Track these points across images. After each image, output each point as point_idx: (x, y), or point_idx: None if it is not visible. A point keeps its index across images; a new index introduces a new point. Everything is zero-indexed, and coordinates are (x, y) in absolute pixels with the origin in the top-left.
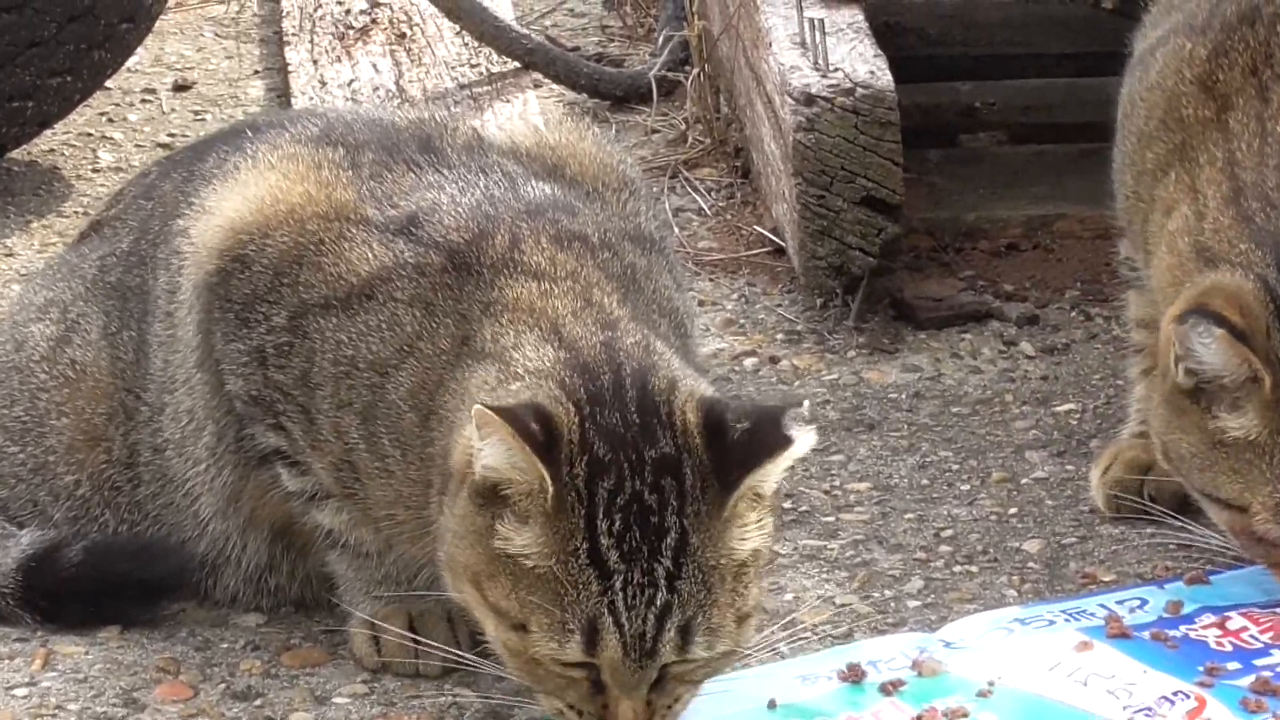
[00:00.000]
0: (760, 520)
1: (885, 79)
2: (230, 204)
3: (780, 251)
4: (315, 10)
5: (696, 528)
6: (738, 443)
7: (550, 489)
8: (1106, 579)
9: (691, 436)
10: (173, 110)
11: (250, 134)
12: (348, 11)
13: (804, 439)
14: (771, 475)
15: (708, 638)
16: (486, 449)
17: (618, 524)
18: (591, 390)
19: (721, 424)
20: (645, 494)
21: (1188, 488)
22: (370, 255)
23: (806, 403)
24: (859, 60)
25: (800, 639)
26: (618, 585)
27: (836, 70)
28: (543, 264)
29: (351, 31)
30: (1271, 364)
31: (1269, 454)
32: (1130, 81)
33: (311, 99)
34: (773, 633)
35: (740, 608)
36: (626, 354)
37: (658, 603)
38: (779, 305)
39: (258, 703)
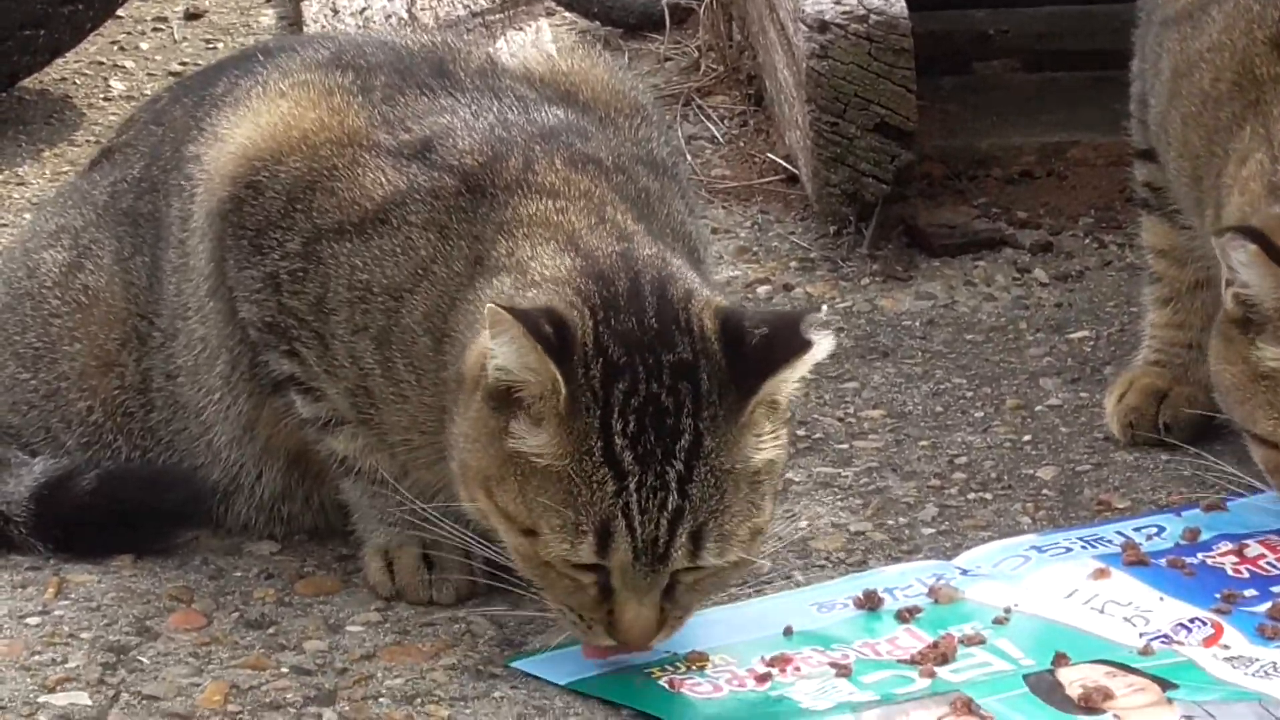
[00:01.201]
0: (775, 431)
1: (899, 6)
2: (243, 131)
3: (793, 179)
4: None
5: (712, 432)
6: (756, 348)
7: (563, 390)
8: (1121, 506)
9: (709, 342)
10: (184, 39)
11: (261, 58)
12: None
13: (822, 343)
14: (790, 380)
15: (719, 544)
16: (499, 350)
17: (632, 426)
18: (607, 295)
19: (739, 330)
20: (661, 397)
21: (1236, 426)
22: (384, 180)
23: (824, 308)
24: None
25: (815, 566)
26: (632, 487)
27: None
28: (556, 183)
29: None
30: None
31: None
32: (1176, 38)
33: (323, 26)
34: (788, 560)
35: (754, 519)
36: (644, 263)
37: (669, 506)
38: (792, 233)
39: (271, 631)
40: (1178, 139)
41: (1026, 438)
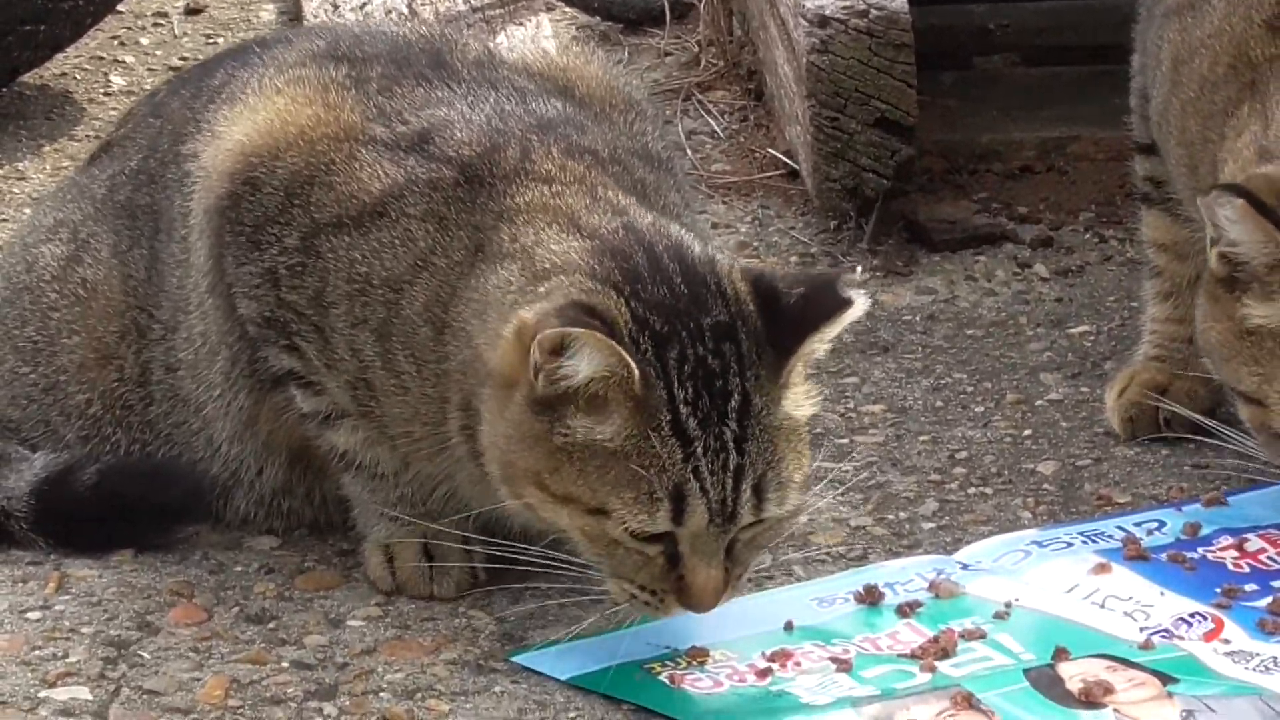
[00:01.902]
0: (808, 389)
1: (899, 0)
2: (239, 128)
3: (794, 174)
4: None
5: (758, 391)
6: (794, 307)
7: (636, 372)
8: (1121, 501)
9: (744, 304)
10: (184, 34)
11: (258, 50)
12: None
13: (860, 301)
14: (828, 339)
15: (778, 495)
16: (579, 364)
17: (690, 392)
18: (627, 269)
19: (774, 291)
20: (709, 360)
21: (1223, 383)
22: (381, 173)
23: (859, 268)
24: None
25: (815, 561)
26: (699, 451)
27: None
28: (553, 170)
29: None
30: None
31: None
32: (1177, 28)
33: (324, 21)
34: (788, 554)
35: (803, 468)
36: (652, 232)
37: (732, 465)
38: (792, 228)
39: (271, 625)
40: (1177, 126)
41: (1027, 432)
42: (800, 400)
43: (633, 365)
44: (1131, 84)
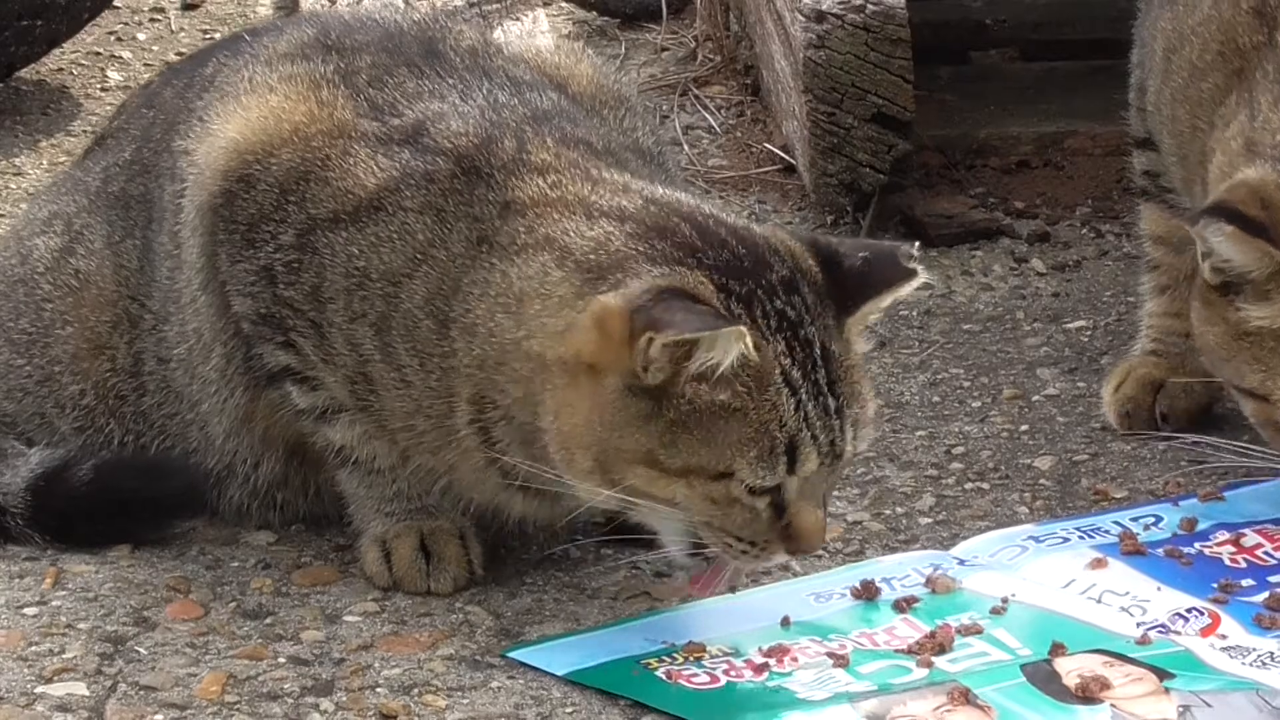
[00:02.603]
0: (860, 329)
1: None
2: (233, 126)
3: (791, 169)
4: None
5: (830, 338)
6: (859, 270)
7: (749, 339)
8: (1118, 496)
9: (804, 260)
10: (181, 29)
11: (249, 39)
12: None
13: (922, 272)
14: (884, 305)
15: (867, 430)
16: (713, 354)
17: (784, 344)
18: (682, 242)
19: (835, 254)
20: (787, 311)
21: (1223, 382)
22: (376, 168)
23: (916, 243)
24: None
25: (813, 557)
26: (805, 400)
27: None
28: (549, 159)
29: None
30: None
31: None
32: (1169, 17)
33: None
34: None
35: (873, 401)
36: (681, 202)
37: (831, 408)
38: (789, 223)
39: (268, 621)
40: (1168, 115)
41: (1024, 427)
42: (857, 340)
43: (749, 340)
44: (1130, 78)
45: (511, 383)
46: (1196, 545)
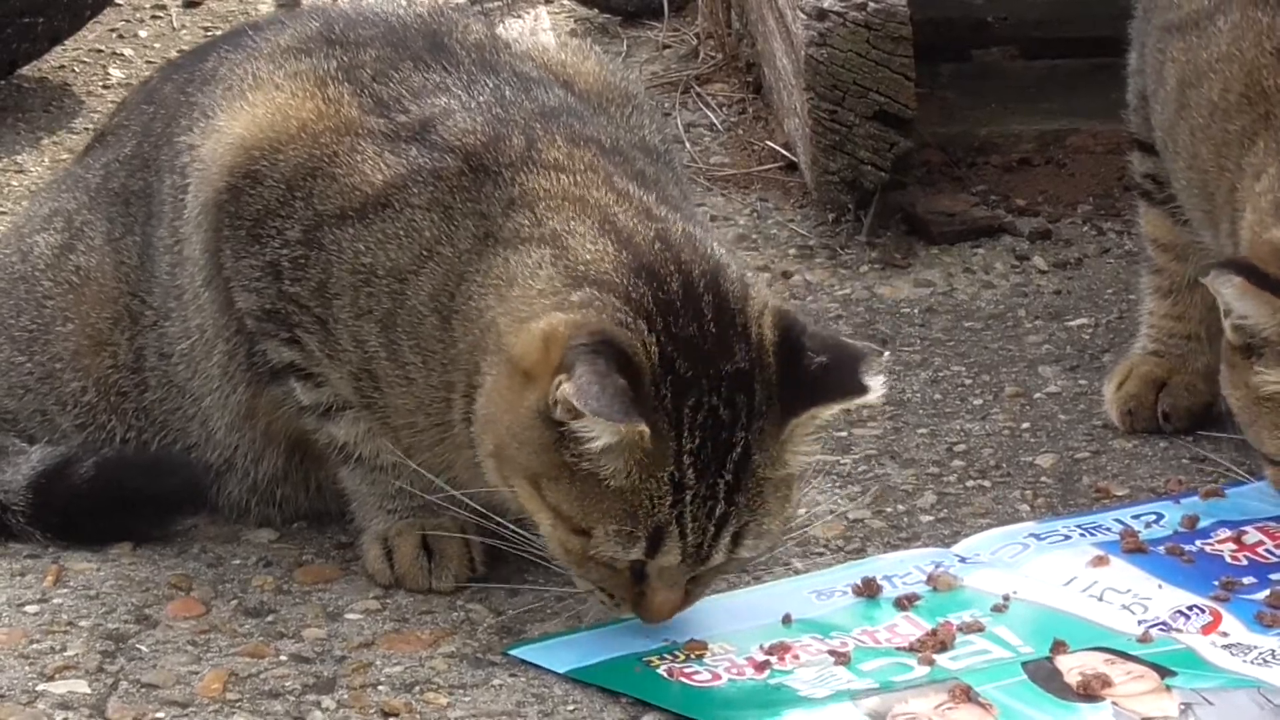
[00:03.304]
0: (808, 438)
1: None
2: (239, 123)
3: (792, 167)
4: None
5: (759, 445)
6: (813, 374)
7: (647, 435)
8: (1120, 494)
9: (766, 354)
10: (183, 26)
11: (251, 33)
12: None
13: (877, 390)
14: (833, 412)
15: (755, 541)
16: (593, 432)
17: (696, 441)
18: (662, 299)
19: (799, 349)
20: (720, 409)
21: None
22: (384, 165)
23: (887, 354)
24: None
25: (814, 554)
26: (687, 499)
27: None
28: (561, 159)
29: None
30: None
31: None
32: (1181, 47)
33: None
34: (786, 547)
35: (786, 513)
36: (689, 251)
37: (717, 514)
38: (791, 220)
39: (270, 619)
40: (1186, 151)
41: (1025, 425)
42: (798, 451)
43: (646, 432)
44: (1129, 82)
45: (486, 363)
46: (1198, 543)
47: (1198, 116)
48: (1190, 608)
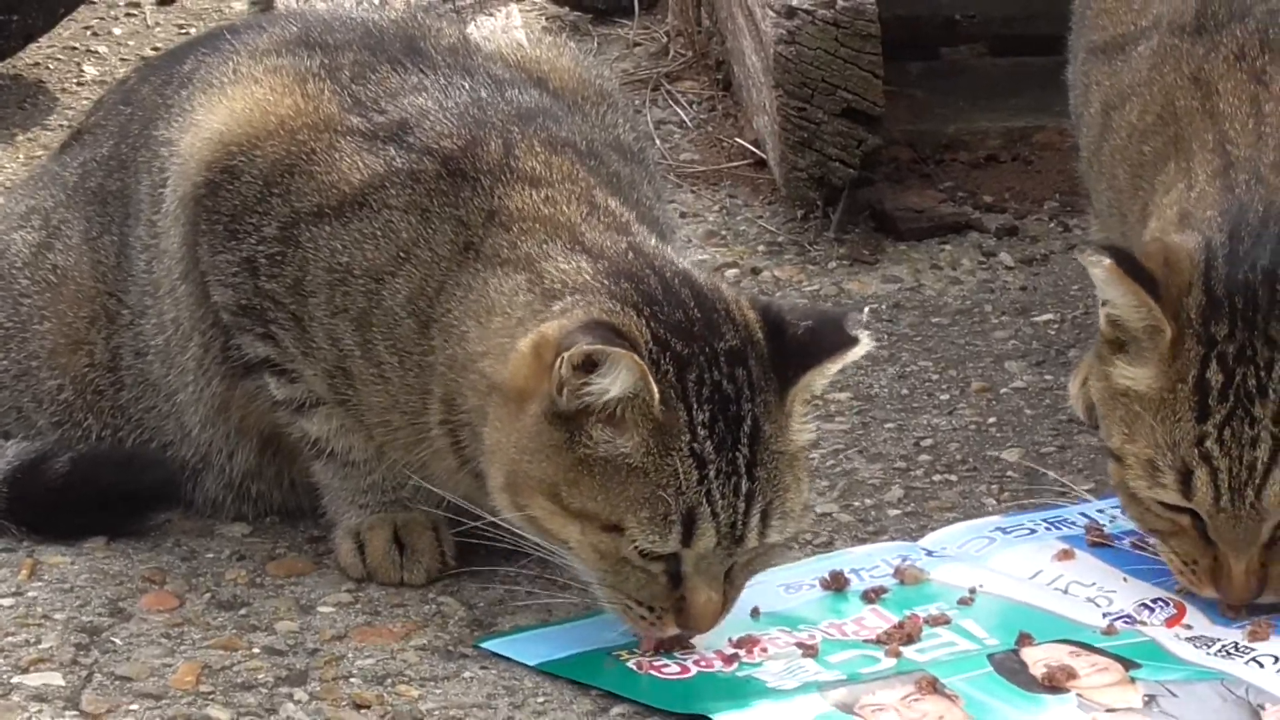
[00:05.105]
0: (806, 415)
1: None
2: (217, 117)
3: (761, 163)
4: None
5: (767, 418)
6: (800, 339)
7: (657, 395)
8: (1085, 488)
9: (753, 331)
10: (157, 24)
11: (229, 36)
12: None
13: (865, 341)
14: (829, 374)
15: (782, 522)
16: (604, 382)
17: (707, 415)
18: (645, 291)
19: (781, 321)
20: (723, 384)
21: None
22: (361, 164)
23: (866, 310)
24: None
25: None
26: (712, 474)
27: None
28: (539, 169)
29: None
30: (1178, 320)
31: (1155, 409)
32: (1106, 71)
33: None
34: None
35: (804, 495)
36: (659, 257)
37: (744, 490)
38: (760, 217)
39: (243, 612)
40: (1108, 172)
41: (991, 420)
42: (799, 427)
43: (654, 388)
44: (1070, 94)
45: (471, 390)
46: None
47: (1118, 137)
48: (1155, 600)
